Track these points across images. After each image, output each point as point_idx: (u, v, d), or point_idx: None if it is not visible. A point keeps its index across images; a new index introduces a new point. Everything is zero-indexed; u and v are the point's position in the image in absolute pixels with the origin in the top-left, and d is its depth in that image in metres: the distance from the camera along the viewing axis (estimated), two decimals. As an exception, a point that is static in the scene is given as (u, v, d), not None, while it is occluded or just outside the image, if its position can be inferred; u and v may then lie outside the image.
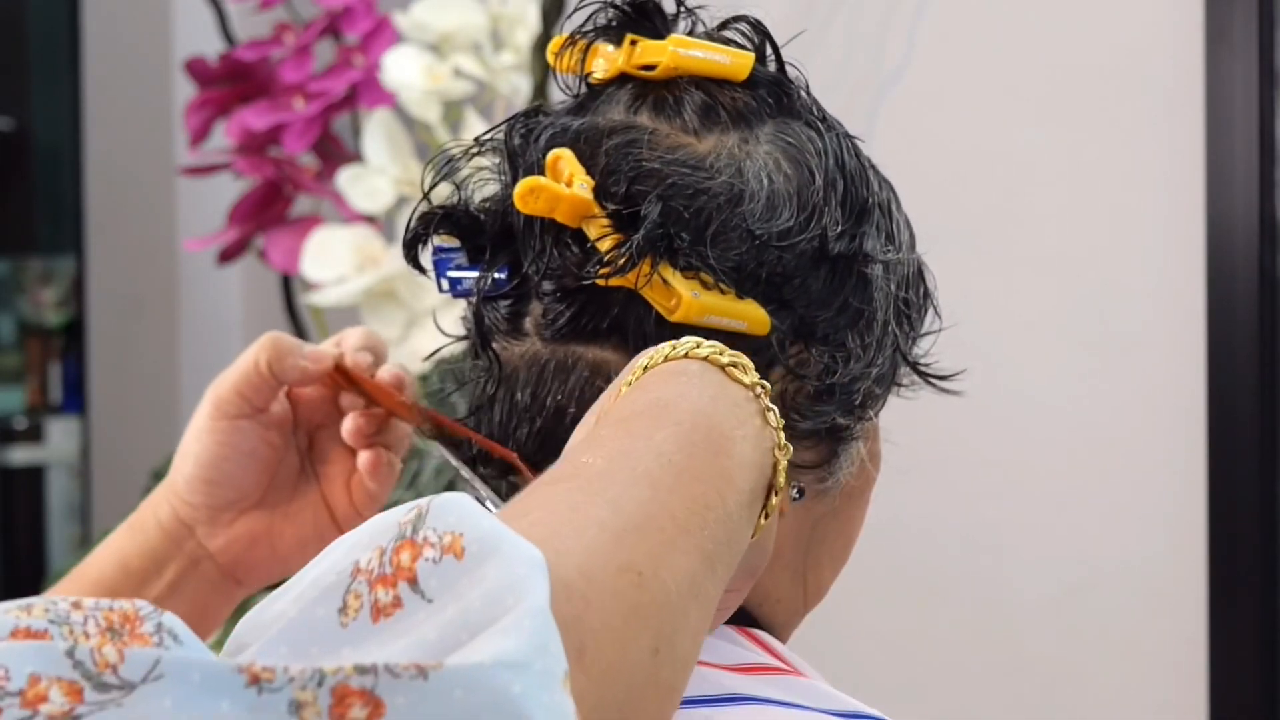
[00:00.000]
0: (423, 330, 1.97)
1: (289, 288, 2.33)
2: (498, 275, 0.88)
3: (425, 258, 0.91)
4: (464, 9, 2.03)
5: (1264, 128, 1.77)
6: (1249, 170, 1.77)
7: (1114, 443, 1.87)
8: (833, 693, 0.86)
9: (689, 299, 0.84)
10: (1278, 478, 1.78)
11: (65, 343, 3.66)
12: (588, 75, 0.92)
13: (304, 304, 2.21)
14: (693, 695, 0.83)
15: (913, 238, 0.94)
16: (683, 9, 0.92)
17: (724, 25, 0.93)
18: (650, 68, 0.90)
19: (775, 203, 0.87)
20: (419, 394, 1.05)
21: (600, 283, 0.85)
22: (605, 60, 0.91)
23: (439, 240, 0.90)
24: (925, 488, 1.95)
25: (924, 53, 1.99)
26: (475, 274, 0.89)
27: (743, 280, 0.86)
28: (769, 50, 0.93)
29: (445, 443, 0.92)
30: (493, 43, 2.06)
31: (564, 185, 0.85)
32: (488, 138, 0.92)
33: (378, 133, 2.03)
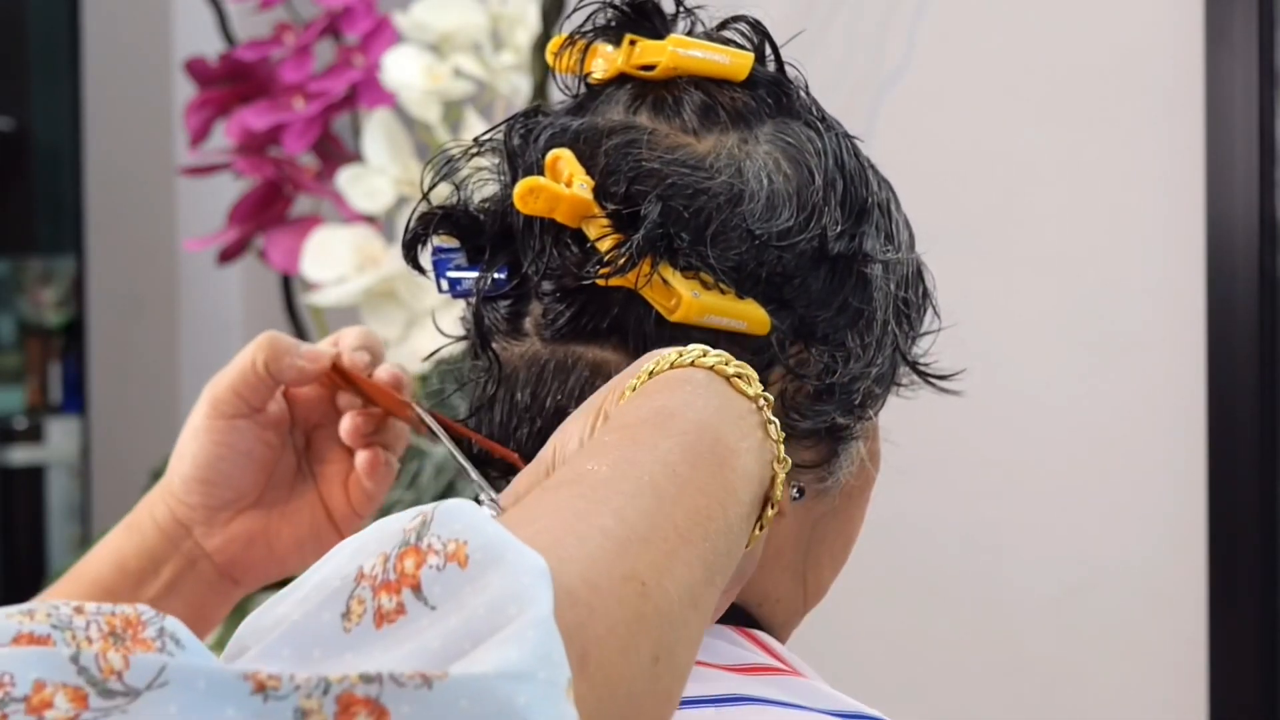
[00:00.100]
0: (423, 330, 1.97)
1: (289, 288, 2.33)
2: (497, 275, 0.88)
3: (425, 258, 0.91)
4: (464, 9, 2.03)
5: (1264, 128, 1.77)
6: (1249, 170, 1.77)
7: (1114, 443, 1.87)
8: (832, 693, 0.86)
9: (689, 299, 0.84)
10: (1278, 478, 1.78)
11: (65, 343, 3.66)
12: (587, 75, 0.92)
13: (304, 304, 2.21)
14: (692, 695, 0.83)
15: (912, 237, 0.94)
16: (682, 9, 0.92)
17: (723, 25, 0.93)
18: (649, 68, 0.90)
19: (775, 203, 0.87)
20: (418, 393, 1.05)
21: (600, 283, 0.85)
22: (604, 60, 0.91)
23: (438, 240, 0.90)
24: (925, 488, 1.95)
25: (924, 53, 1.99)
26: (475, 274, 0.89)
27: (743, 280, 0.86)
28: (768, 50, 0.93)
29: (448, 440, 0.92)
30: (493, 43, 2.06)
31: (563, 185, 0.85)
32: (487, 138, 0.92)
33: (378, 133, 2.03)
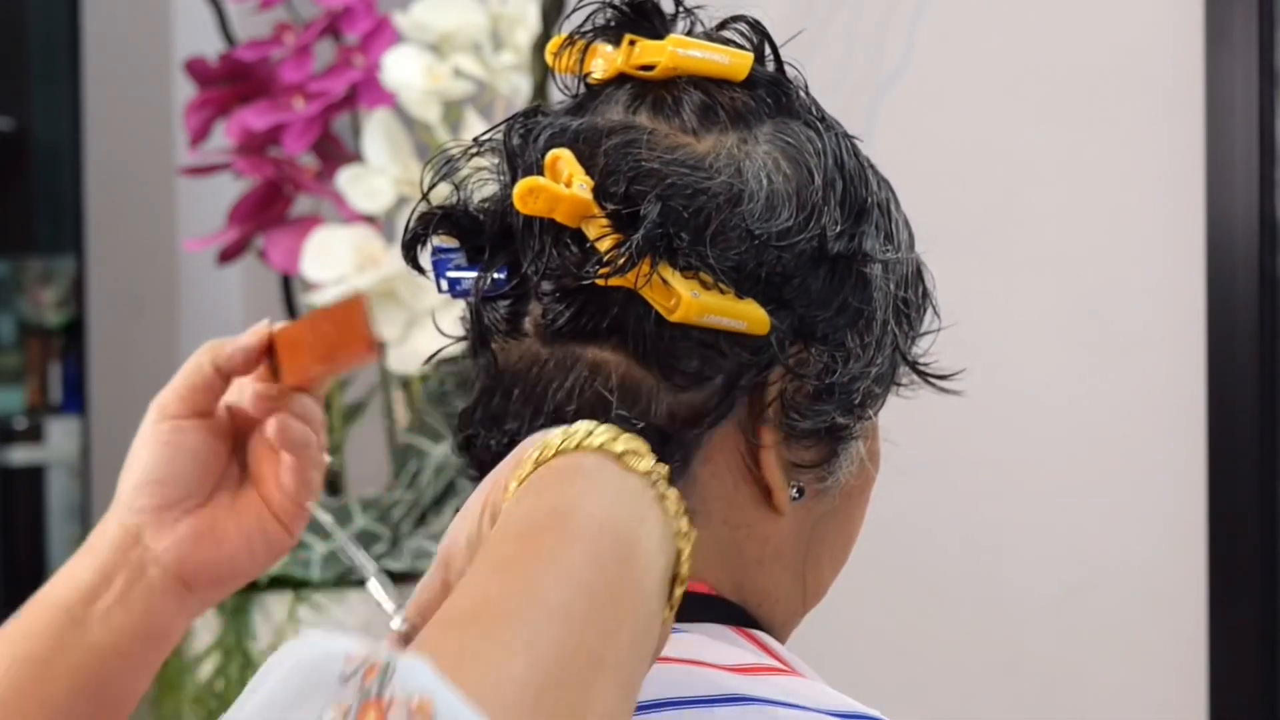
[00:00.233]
0: (423, 330, 1.98)
1: (289, 288, 2.33)
2: (497, 275, 0.88)
3: (425, 258, 0.91)
4: (464, 9, 2.03)
5: (1264, 128, 1.77)
6: (1249, 170, 1.77)
7: (1114, 443, 1.87)
8: (831, 693, 0.86)
9: (688, 299, 0.84)
10: (1278, 478, 1.78)
11: (65, 343, 3.66)
12: (586, 75, 0.92)
13: (304, 304, 2.21)
14: (692, 695, 0.83)
15: (911, 237, 0.94)
16: (681, 9, 0.92)
17: (723, 25, 0.93)
18: (649, 68, 0.90)
19: (774, 202, 0.87)
20: (418, 397, 1.05)
21: (600, 283, 0.85)
22: (604, 60, 0.91)
23: (438, 240, 0.90)
24: (925, 488, 1.95)
25: (923, 53, 1.99)
26: (474, 274, 0.89)
27: (742, 280, 0.86)
28: (768, 50, 0.93)
29: (358, 554, 0.94)
30: (493, 43, 2.06)
31: (563, 185, 0.85)
32: (487, 138, 0.92)
33: (378, 133, 2.03)
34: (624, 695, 0.71)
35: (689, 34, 0.92)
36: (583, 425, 0.78)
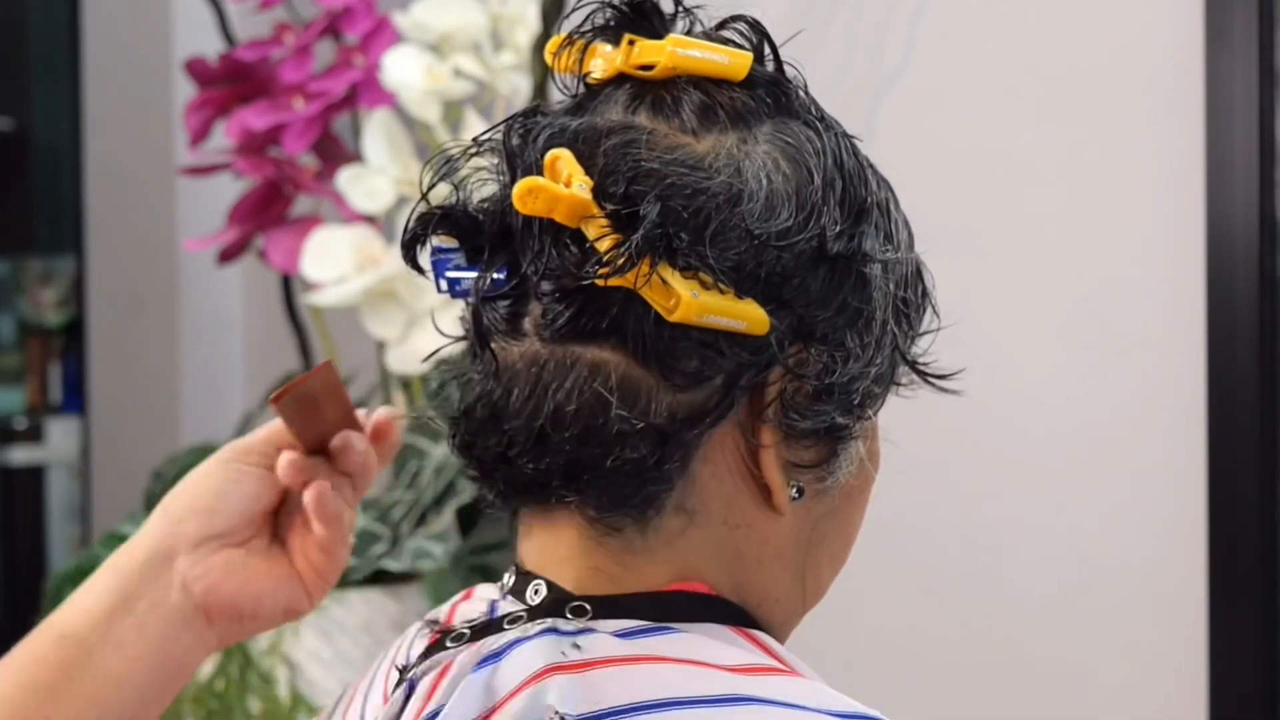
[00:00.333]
0: (422, 330, 1.97)
1: (289, 288, 2.33)
2: (496, 275, 0.88)
3: (424, 258, 0.91)
4: (464, 9, 2.03)
5: (1264, 128, 1.77)
6: (1249, 170, 1.77)
7: (1114, 443, 1.87)
8: (831, 693, 0.86)
9: (688, 299, 0.84)
10: (1278, 478, 1.78)
11: (65, 343, 3.67)
12: (586, 75, 0.92)
13: (304, 304, 2.21)
14: (692, 696, 0.83)
15: (911, 237, 0.94)
16: (681, 9, 0.92)
17: (722, 25, 0.93)
18: (648, 68, 0.90)
19: (774, 202, 0.87)
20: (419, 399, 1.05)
21: (599, 283, 0.85)
22: (603, 60, 0.91)
23: (437, 240, 0.90)
24: (925, 488, 1.95)
25: (923, 53, 1.99)
26: (474, 274, 0.89)
27: (742, 280, 0.86)
28: (767, 50, 0.93)
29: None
30: (493, 43, 2.06)
31: (562, 185, 0.85)
32: (486, 138, 0.92)
33: (378, 133, 2.03)
34: None
35: (688, 34, 0.92)
36: None
